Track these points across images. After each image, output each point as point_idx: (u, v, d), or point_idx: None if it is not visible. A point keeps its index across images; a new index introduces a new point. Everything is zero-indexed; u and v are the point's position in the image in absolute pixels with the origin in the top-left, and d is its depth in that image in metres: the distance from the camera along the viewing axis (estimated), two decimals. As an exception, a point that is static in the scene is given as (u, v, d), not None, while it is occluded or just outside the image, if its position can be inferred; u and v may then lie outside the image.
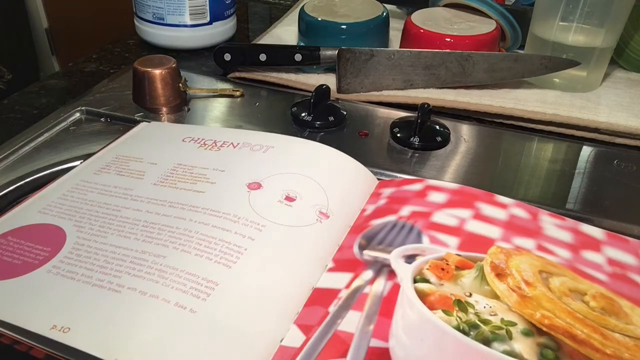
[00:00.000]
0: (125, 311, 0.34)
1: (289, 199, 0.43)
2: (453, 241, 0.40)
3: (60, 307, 0.34)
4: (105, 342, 0.32)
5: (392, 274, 0.37)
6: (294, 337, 0.34)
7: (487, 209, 0.43)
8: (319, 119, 0.56)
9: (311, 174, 0.46)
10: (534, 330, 0.32)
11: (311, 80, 0.65)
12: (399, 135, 0.54)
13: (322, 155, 0.49)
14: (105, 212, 0.43)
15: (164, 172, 0.47)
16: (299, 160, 0.48)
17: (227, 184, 0.45)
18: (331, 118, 0.57)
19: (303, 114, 0.57)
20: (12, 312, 0.34)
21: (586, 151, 0.55)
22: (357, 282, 0.37)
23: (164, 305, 0.34)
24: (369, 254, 0.40)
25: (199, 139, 0.52)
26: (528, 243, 0.40)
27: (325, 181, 0.46)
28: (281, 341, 0.34)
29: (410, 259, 0.38)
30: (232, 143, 0.50)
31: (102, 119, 0.58)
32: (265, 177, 0.45)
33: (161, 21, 0.72)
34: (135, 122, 0.56)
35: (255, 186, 0.44)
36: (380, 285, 0.36)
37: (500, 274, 0.36)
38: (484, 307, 0.33)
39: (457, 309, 0.33)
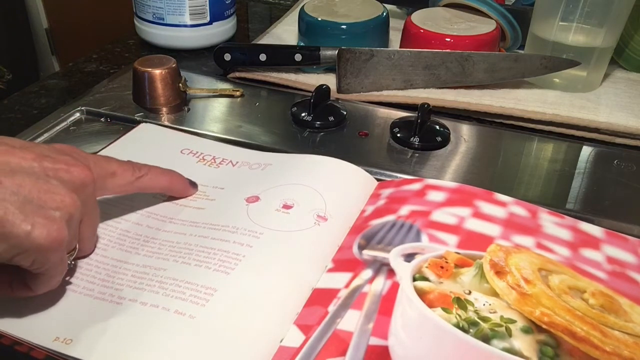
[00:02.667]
0: (126, 322, 0.35)
1: (287, 206, 0.44)
2: (452, 239, 0.40)
3: (63, 319, 0.35)
4: (107, 352, 0.33)
5: (391, 272, 0.37)
6: (294, 337, 0.34)
7: (486, 207, 0.43)
8: (319, 119, 0.56)
9: (308, 183, 0.47)
10: (533, 327, 0.32)
11: (311, 80, 0.65)
12: (399, 135, 0.54)
13: (320, 164, 0.49)
14: (105, 224, 0.43)
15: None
16: (297, 172, 0.48)
17: (226, 200, 0.46)
18: (331, 118, 0.57)
19: (303, 114, 0.57)
20: (15, 324, 0.34)
21: (586, 151, 0.55)
22: (356, 282, 0.37)
23: (163, 314, 0.35)
24: (368, 253, 0.40)
25: (197, 152, 0.52)
26: (527, 241, 0.40)
27: (323, 187, 0.46)
28: (281, 341, 0.34)
29: (409, 257, 0.38)
30: (231, 161, 0.51)
31: (102, 119, 0.58)
32: (263, 191, 0.46)
33: (161, 21, 0.72)
34: (135, 122, 0.56)
35: (253, 199, 0.45)
36: (380, 284, 0.36)
37: (499, 272, 0.36)
38: (484, 304, 0.33)
39: (456, 306, 0.33)
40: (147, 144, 0.53)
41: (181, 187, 0.45)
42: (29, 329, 0.34)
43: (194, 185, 0.46)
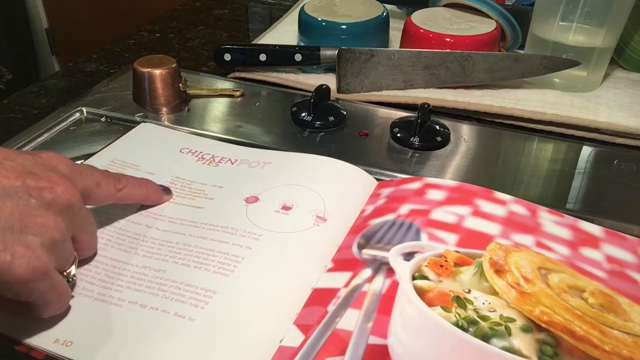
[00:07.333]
0: (126, 324, 0.35)
1: (286, 208, 0.44)
2: (452, 238, 0.40)
3: (63, 321, 0.35)
4: (107, 355, 0.33)
5: (390, 271, 0.37)
6: (294, 337, 0.34)
7: (485, 206, 0.43)
8: (319, 119, 0.56)
9: (307, 183, 0.47)
10: (532, 326, 0.32)
11: (311, 80, 0.65)
12: (399, 135, 0.54)
13: (319, 165, 0.49)
14: (102, 222, 0.43)
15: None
16: (296, 172, 0.48)
17: (225, 199, 0.46)
18: (331, 118, 0.56)
19: (303, 114, 0.57)
20: (16, 327, 0.34)
21: (586, 151, 0.55)
22: (355, 281, 0.37)
23: (163, 316, 0.35)
24: (367, 252, 0.40)
25: (196, 151, 0.52)
26: (527, 239, 0.40)
27: (322, 188, 0.46)
28: (281, 341, 0.34)
29: (409, 256, 0.38)
30: (230, 159, 0.51)
31: (102, 119, 0.58)
32: (262, 191, 0.46)
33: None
34: (135, 122, 0.56)
35: (252, 200, 0.45)
36: (379, 283, 0.36)
37: (499, 271, 0.36)
38: (483, 303, 0.33)
39: (455, 305, 0.33)
40: (146, 144, 0.53)
41: (156, 197, 0.45)
42: (29, 331, 0.34)
43: (167, 192, 0.46)
